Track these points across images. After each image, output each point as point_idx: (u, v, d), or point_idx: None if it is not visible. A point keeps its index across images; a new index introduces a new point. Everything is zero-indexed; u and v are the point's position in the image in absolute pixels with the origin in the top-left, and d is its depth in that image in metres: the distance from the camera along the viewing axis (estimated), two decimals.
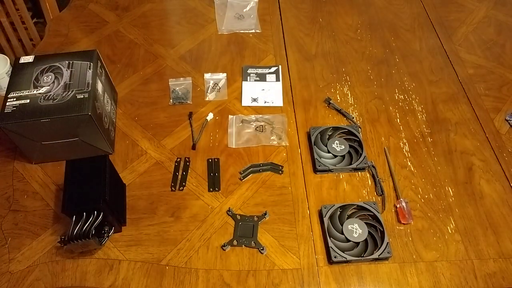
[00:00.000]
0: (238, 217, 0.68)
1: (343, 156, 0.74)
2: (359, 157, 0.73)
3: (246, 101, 0.84)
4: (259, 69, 0.90)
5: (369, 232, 0.64)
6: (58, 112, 0.65)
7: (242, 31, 0.98)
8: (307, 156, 0.76)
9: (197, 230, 0.67)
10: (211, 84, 0.87)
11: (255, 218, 0.68)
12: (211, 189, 0.72)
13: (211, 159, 0.75)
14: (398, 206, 0.68)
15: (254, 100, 0.85)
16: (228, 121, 0.81)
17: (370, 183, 0.72)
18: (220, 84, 0.87)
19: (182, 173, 0.73)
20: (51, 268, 0.63)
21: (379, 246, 0.63)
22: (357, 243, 0.64)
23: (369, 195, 0.71)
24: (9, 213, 0.69)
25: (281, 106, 0.84)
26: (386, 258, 0.63)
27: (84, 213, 0.59)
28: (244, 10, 1.03)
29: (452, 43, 0.96)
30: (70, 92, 0.68)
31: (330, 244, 0.63)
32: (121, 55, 0.93)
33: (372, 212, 0.66)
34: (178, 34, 0.98)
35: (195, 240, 0.66)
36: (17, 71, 0.71)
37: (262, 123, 0.80)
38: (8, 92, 0.68)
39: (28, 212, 0.69)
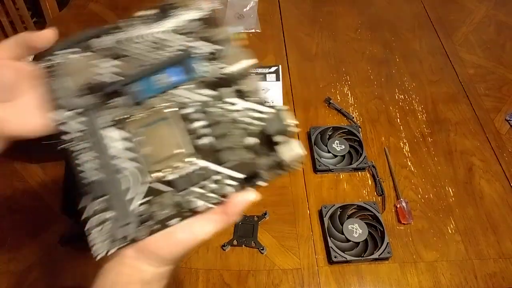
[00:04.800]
0: None
1: (343, 156, 0.74)
2: (359, 157, 0.73)
3: None
4: (259, 69, 0.90)
5: (369, 232, 0.64)
6: None
7: (242, 31, 0.98)
8: (307, 156, 0.76)
9: None
10: None
11: (255, 218, 0.67)
12: None
13: None
14: (398, 206, 0.68)
15: None
16: None
17: (370, 183, 0.72)
18: None
19: None
20: (51, 268, 0.63)
21: (379, 246, 0.63)
22: (357, 243, 0.63)
23: (369, 195, 0.71)
24: (9, 213, 0.69)
25: None
26: (386, 258, 0.63)
27: None
28: (244, 10, 1.03)
29: (452, 43, 0.96)
30: None
31: (330, 244, 0.63)
32: None
33: (372, 212, 0.66)
34: None
35: None
36: None
37: None
38: None
39: (27, 212, 0.69)
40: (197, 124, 0.34)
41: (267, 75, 0.89)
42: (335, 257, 0.62)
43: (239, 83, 0.34)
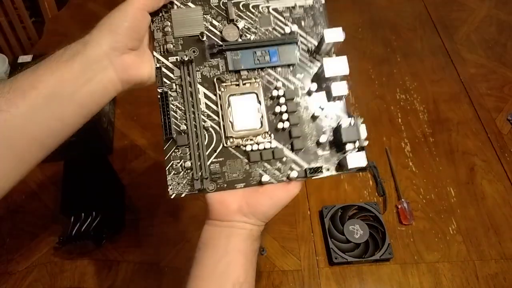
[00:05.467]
0: None
1: None
2: None
3: None
4: None
5: (370, 233, 0.64)
6: None
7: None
8: None
9: (197, 231, 0.66)
10: None
11: None
12: None
13: None
14: (399, 206, 0.68)
15: None
16: None
17: (371, 183, 0.72)
18: None
19: None
20: (50, 269, 0.63)
21: (380, 247, 0.62)
22: (358, 244, 0.63)
23: (370, 195, 0.70)
24: (7, 213, 0.68)
25: None
26: (387, 259, 0.62)
27: (83, 214, 0.59)
28: None
29: (453, 42, 0.96)
30: None
31: (331, 245, 0.62)
32: None
33: (373, 213, 0.66)
34: None
35: (195, 241, 0.65)
36: (15, 71, 0.71)
37: None
38: None
39: (26, 213, 0.68)
40: (281, 109, 0.38)
41: None
42: (336, 258, 0.61)
43: (330, 85, 0.37)
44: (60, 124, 0.33)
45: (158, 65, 0.38)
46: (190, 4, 0.39)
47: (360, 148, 0.36)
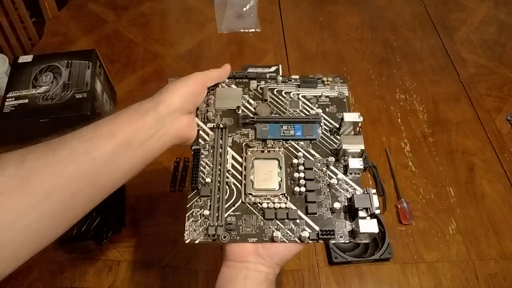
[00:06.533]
0: None
1: None
2: None
3: None
4: (259, 68, 0.89)
5: None
6: (57, 112, 0.65)
7: (242, 30, 0.98)
8: None
9: None
10: None
11: None
12: None
13: None
14: (399, 206, 0.68)
15: None
16: None
17: (371, 183, 0.72)
18: None
19: (182, 173, 0.73)
20: (50, 269, 0.63)
21: (380, 247, 0.62)
22: (358, 244, 0.63)
23: None
24: None
25: None
26: (387, 259, 0.63)
27: None
28: (244, 9, 1.03)
29: (453, 42, 0.96)
30: (69, 92, 0.67)
31: (331, 244, 0.63)
32: (120, 55, 0.92)
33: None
34: (178, 33, 0.98)
35: None
36: (15, 71, 0.71)
37: None
38: (7, 92, 0.67)
39: None
40: (299, 175, 0.41)
41: (267, 74, 0.88)
42: (336, 258, 0.61)
43: (346, 160, 0.42)
44: (129, 169, 0.39)
45: (197, 128, 0.44)
46: (233, 86, 0.49)
47: (372, 216, 0.38)
